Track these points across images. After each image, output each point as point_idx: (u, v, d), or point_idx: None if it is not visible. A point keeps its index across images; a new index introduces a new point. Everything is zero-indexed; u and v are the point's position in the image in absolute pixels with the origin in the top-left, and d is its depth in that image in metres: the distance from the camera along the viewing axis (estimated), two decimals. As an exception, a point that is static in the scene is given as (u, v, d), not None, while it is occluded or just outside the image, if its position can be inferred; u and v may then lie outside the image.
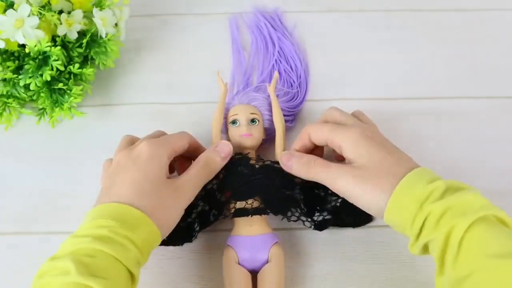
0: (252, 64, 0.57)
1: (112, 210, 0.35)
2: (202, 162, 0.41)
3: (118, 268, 0.32)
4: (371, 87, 0.54)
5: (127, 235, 0.33)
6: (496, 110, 0.53)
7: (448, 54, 0.57)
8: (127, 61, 0.57)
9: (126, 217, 0.34)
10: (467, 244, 0.31)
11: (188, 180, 0.39)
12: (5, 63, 0.49)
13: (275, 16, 0.61)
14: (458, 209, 0.32)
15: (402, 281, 0.42)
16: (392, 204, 0.35)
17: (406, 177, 0.35)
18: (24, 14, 0.45)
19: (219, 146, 0.42)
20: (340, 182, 0.37)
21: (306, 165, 0.40)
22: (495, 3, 0.62)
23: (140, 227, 0.34)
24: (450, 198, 0.33)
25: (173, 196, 0.37)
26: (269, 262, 0.40)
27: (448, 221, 0.32)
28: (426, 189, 0.34)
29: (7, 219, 0.46)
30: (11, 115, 0.51)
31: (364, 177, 0.36)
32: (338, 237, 0.44)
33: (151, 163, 0.38)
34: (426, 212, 0.33)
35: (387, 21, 0.60)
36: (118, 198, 0.35)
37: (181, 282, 0.42)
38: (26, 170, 0.49)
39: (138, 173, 0.37)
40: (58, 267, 0.31)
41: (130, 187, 0.36)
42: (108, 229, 0.33)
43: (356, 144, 0.38)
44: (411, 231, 0.34)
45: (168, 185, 0.38)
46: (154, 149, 0.38)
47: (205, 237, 0.44)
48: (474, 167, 0.49)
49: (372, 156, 0.37)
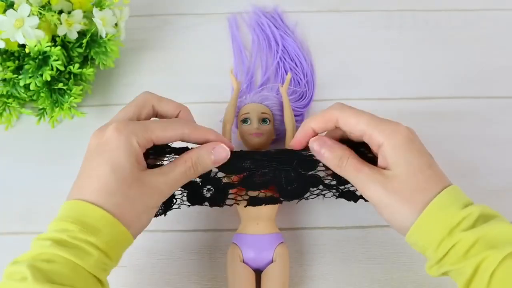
0: (254, 63, 0.57)
1: (75, 210, 0.32)
2: (191, 162, 0.36)
3: (79, 273, 0.30)
4: (371, 87, 0.54)
5: (87, 239, 0.31)
6: (496, 110, 0.53)
7: (448, 54, 0.57)
8: (127, 61, 0.57)
9: (87, 218, 0.32)
10: (499, 277, 0.29)
11: (167, 180, 0.35)
12: (5, 63, 0.49)
13: (276, 15, 0.61)
14: (490, 241, 0.30)
15: (402, 281, 0.42)
16: (420, 224, 0.33)
17: (438, 197, 0.33)
18: (24, 14, 0.45)
19: (216, 149, 0.37)
20: (369, 190, 0.35)
21: (338, 161, 0.36)
22: (495, 3, 0.62)
23: (103, 229, 0.32)
24: (482, 227, 0.31)
25: (144, 193, 0.33)
26: (274, 262, 0.40)
27: (479, 252, 0.30)
28: (458, 215, 0.32)
29: (7, 219, 0.46)
30: (11, 115, 0.51)
31: (396, 190, 0.34)
32: (338, 237, 0.44)
33: (118, 154, 0.33)
34: (455, 239, 0.31)
35: (387, 21, 0.60)
36: (82, 195, 0.33)
37: (181, 282, 0.42)
38: (26, 170, 0.49)
39: (103, 166, 0.33)
40: (17, 272, 0.29)
41: (95, 182, 0.33)
42: (67, 234, 0.31)
43: (398, 149, 0.34)
44: (434, 255, 0.32)
45: (138, 180, 0.33)
46: (123, 136, 0.33)
47: (206, 237, 0.44)
48: (474, 167, 0.49)
49: (409, 167, 0.34)
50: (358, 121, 0.36)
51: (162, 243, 0.44)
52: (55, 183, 0.48)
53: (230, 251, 0.41)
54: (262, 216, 0.41)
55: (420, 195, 0.33)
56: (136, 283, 0.42)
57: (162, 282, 0.42)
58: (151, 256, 0.42)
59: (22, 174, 0.49)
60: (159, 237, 0.44)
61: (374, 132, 0.35)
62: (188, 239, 0.44)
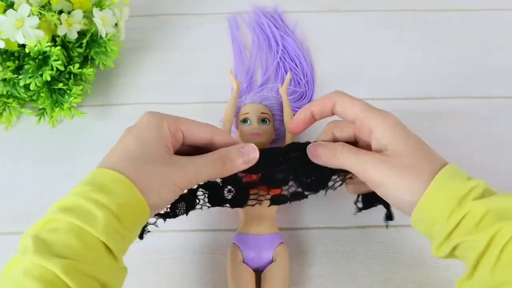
0: (254, 63, 0.57)
1: (92, 175, 0.32)
2: (218, 156, 0.35)
3: (86, 241, 0.28)
4: (371, 87, 0.54)
5: (97, 199, 0.29)
6: (496, 110, 0.53)
7: (448, 54, 0.57)
8: (127, 61, 0.57)
9: (101, 179, 0.31)
10: (509, 251, 0.29)
11: (192, 164, 0.34)
12: (5, 63, 0.49)
13: (276, 15, 0.61)
14: (502, 212, 0.30)
15: (402, 281, 0.42)
16: (429, 196, 0.32)
17: (444, 170, 0.32)
18: (24, 14, 0.45)
19: (246, 147, 0.37)
20: (371, 170, 0.34)
21: (333, 151, 0.36)
22: (495, 3, 0.62)
23: (116, 189, 0.30)
24: (491, 198, 0.30)
25: (168, 168, 0.33)
26: (274, 262, 0.40)
27: (492, 223, 0.29)
28: (466, 185, 0.31)
29: (7, 219, 0.46)
30: (11, 115, 0.51)
31: (399, 165, 0.33)
32: (338, 237, 0.44)
33: (147, 132, 0.34)
34: (466, 209, 0.30)
35: (387, 21, 0.60)
36: (105, 164, 0.32)
37: (181, 282, 0.42)
38: (26, 170, 0.49)
39: (131, 140, 0.33)
40: (22, 244, 0.29)
41: (120, 153, 0.33)
42: (79, 195, 0.30)
43: (392, 130, 0.34)
44: (444, 227, 0.31)
45: (164, 156, 0.33)
46: (155, 118, 0.35)
47: (206, 237, 0.44)
48: (474, 167, 0.48)
49: (408, 143, 0.34)
50: (353, 104, 0.36)
51: (163, 243, 0.44)
52: (55, 183, 0.48)
53: (230, 251, 0.41)
54: (262, 216, 0.41)
55: (425, 168, 0.33)
56: (136, 283, 0.42)
57: (162, 282, 0.42)
58: (151, 256, 0.42)
59: (22, 174, 0.49)
60: (159, 237, 0.44)
61: (367, 115, 0.35)
62: (188, 239, 0.44)
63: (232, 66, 0.56)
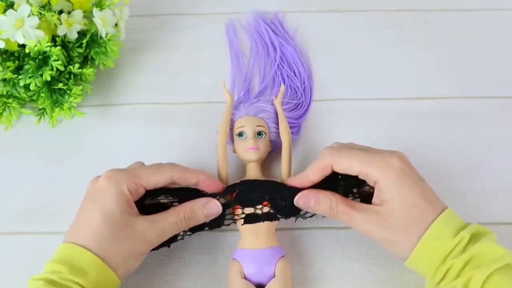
0: (252, 70, 0.56)
1: (66, 253, 0.35)
2: (183, 214, 0.38)
3: None
4: (371, 87, 0.54)
5: (75, 281, 0.34)
6: (496, 110, 0.53)
7: (448, 54, 0.57)
8: (127, 61, 0.57)
9: (77, 261, 0.34)
10: None
11: (155, 229, 0.37)
12: (5, 63, 0.49)
13: (276, 21, 0.60)
14: (477, 261, 0.34)
15: (402, 281, 0.42)
16: (416, 255, 0.36)
17: (431, 229, 0.35)
18: (24, 14, 0.45)
19: (209, 204, 0.40)
20: (365, 228, 0.38)
21: (329, 210, 0.39)
22: (495, 3, 0.62)
23: (91, 271, 0.34)
24: (470, 251, 0.34)
25: (132, 240, 0.36)
26: (275, 277, 0.39)
27: (468, 271, 0.34)
28: (450, 244, 0.35)
29: (7, 219, 0.46)
30: (11, 115, 0.51)
31: (391, 227, 0.36)
32: (338, 237, 0.44)
33: (108, 200, 0.36)
34: (448, 265, 0.34)
35: (387, 21, 0.60)
36: (74, 239, 0.36)
37: (181, 282, 0.42)
38: (26, 170, 0.49)
39: (95, 212, 0.36)
40: None
41: (86, 227, 0.36)
42: (58, 275, 0.34)
43: (391, 185, 0.37)
44: (432, 280, 0.36)
45: (128, 226, 0.36)
46: (113, 183, 0.37)
47: (206, 237, 0.44)
48: (474, 167, 0.49)
49: (403, 202, 0.36)
50: (350, 163, 0.38)
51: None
52: (55, 183, 0.48)
53: (231, 267, 0.40)
54: (261, 230, 0.41)
55: (415, 228, 0.36)
56: (136, 283, 0.42)
57: (162, 282, 0.42)
58: (151, 256, 0.42)
59: (22, 174, 0.49)
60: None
61: (369, 171, 0.37)
62: (188, 239, 0.44)
63: (228, 77, 0.55)
